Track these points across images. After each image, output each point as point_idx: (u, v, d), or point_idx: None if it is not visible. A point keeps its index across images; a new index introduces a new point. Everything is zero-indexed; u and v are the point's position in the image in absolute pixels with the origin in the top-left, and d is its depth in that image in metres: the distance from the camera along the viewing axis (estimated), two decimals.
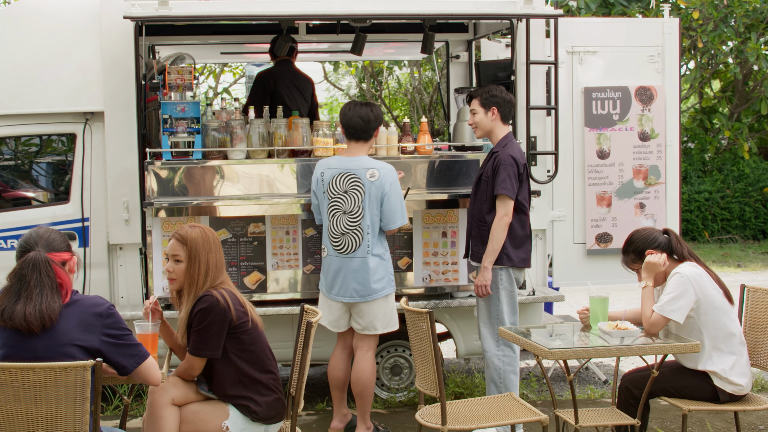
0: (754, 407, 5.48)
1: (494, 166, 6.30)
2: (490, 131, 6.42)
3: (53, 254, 4.15)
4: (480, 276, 6.28)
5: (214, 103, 8.65)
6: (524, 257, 6.40)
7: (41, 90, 6.96)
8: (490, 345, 6.33)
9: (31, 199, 7.27)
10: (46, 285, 4.03)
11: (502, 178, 6.24)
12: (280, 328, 6.90)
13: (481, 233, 6.35)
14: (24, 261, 4.07)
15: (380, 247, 6.26)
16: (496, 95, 6.39)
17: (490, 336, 6.32)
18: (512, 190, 6.22)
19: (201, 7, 6.85)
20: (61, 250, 4.21)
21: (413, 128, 7.97)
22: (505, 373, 6.32)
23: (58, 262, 4.13)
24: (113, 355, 4.10)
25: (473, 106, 6.44)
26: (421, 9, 7.11)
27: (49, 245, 4.19)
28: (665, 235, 5.63)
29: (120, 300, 7.00)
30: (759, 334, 5.73)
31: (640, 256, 5.57)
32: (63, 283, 4.09)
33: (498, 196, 6.25)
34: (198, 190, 6.73)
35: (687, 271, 5.42)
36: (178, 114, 6.62)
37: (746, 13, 15.42)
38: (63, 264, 4.18)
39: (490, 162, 6.35)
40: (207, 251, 4.74)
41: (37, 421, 3.90)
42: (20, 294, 4.02)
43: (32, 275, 4.04)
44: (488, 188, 6.32)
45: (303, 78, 8.82)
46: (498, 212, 6.25)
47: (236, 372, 4.72)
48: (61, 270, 4.12)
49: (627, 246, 5.68)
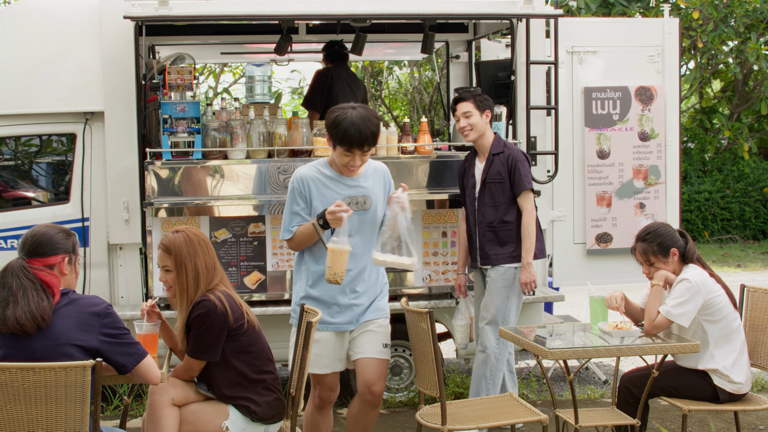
0: (754, 407, 5.48)
1: (509, 165, 6.32)
2: (483, 133, 6.40)
3: (36, 260, 4.16)
4: (526, 273, 6.28)
5: (214, 103, 8.67)
6: (541, 248, 6.53)
7: (41, 90, 6.96)
8: (492, 342, 6.31)
9: (31, 199, 7.27)
10: (28, 287, 4.05)
11: (524, 173, 6.33)
12: (280, 328, 6.88)
13: (499, 235, 6.36)
14: (4, 270, 4.14)
15: None
16: (487, 98, 6.46)
17: (493, 333, 6.30)
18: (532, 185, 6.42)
19: (201, 7, 6.86)
20: (46, 256, 4.19)
21: (413, 128, 7.98)
22: (498, 372, 6.33)
23: (39, 267, 4.14)
24: (112, 354, 4.11)
25: (467, 108, 6.36)
26: (421, 9, 7.12)
27: (34, 251, 4.18)
28: (682, 237, 5.62)
29: (120, 300, 7.00)
30: (759, 334, 5.73)
31: (664, 251, 5.54)
32: (49, 283, 4.10)
33: (524, 192, 6.31)
34: (198, 189, 6.73)
35: (695, 278, 5.41)
36: (178, 114, 6.62)
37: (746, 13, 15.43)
38: (51, 267, 4.18)
39: (500, 163, 6.34)
40: (193, 256, 4.70)
41: (37, 421, 3.90)
42: (8, 300, 4.05)
43: (12, 281, 4.08)
44: (504, 189, 6.35)
45: (357, 81, 8.97)
46: (527, 207, 6.32)
47: (235, 373, 4.72)
48: (44, 272, 4.12)
49: (652, 237, 5.56)
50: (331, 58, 8.80)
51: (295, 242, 5.18)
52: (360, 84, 9.01)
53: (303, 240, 5.14)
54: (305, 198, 5.14)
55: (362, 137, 4.95)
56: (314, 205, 5.13)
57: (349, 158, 5.04)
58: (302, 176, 5.16)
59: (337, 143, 5.02)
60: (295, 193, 5.16)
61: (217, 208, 6.74)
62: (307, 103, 8.77)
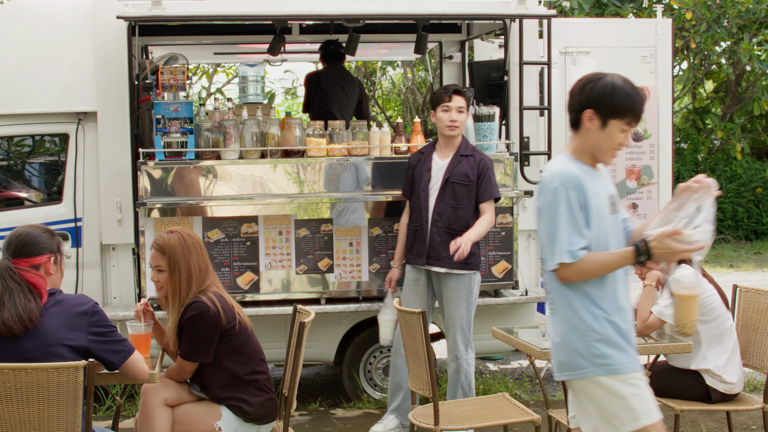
0: (746, 407, 5.49)
1: (480, 170, 6.27)
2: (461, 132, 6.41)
3: (22, 260, 4.16)
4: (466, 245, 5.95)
5: (207, 104, 8.68)
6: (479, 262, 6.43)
7: (34, 90, 6.95)
8: (462, 350, 6.28)
9: (23, 199, 7.25)
10: (15, 289, 4.05)
11: (494, 182, 6.31)
12: (272, 329, 6.89)
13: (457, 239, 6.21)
14: None
15: None
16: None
17: (462, 342, 6.28)
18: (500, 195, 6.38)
19: (194, 8, 6.85)
20: (32, 255, 4.19)
21: (406, 128, 7.99)
22: (471, 376, 6.33)
23: (26, 267, 4.13)
24: (100, 352, 4.12)
25: (463, 103, 6.30)
26: (415, 9, 7.12)
27: (20, 251, 4.18)
28: None
29: (113, 300, 6.99)
30: (751, 334, 5.75)
31: None
32: (36, 285, 4.10)
33: (490, 200, 6.27)
34: (191, 190, 6.72)
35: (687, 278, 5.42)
36: (171, 114, 6.61)
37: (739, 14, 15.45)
38: (37, 267, 4.18)
39: (469, 166, 6.28)
40: (187, 257, 4.71)
41: (30, 422, 3.90)
42: None
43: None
44: (470, 193, 6.27)
45: (351, 80, 9.00)
46: (491, 214, 6.27)
47: (227, 374, 4.72)
48: (31, 273, 4.12)
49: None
50: (326, 58, 8.82)
51: (580, 271, 3.71)
52: (354, 83, 9.01)
53: (597, 270, 3.74)
54: (583, 206, 3.72)
55: (642, 100, 3.77)
56: (590, 215, 3.74)
57: (624, 135, 3.77)
58: (574, 175, 3.74)
59: (615, 116, 3.70)
60: (571, 199, 3.70)
61: (210, 208, 6.74)
62: (304, 108, 8.84)
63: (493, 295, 7.11)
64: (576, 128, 3.82)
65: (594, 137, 3.74)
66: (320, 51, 8.82)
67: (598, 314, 3.74)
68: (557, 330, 3.83)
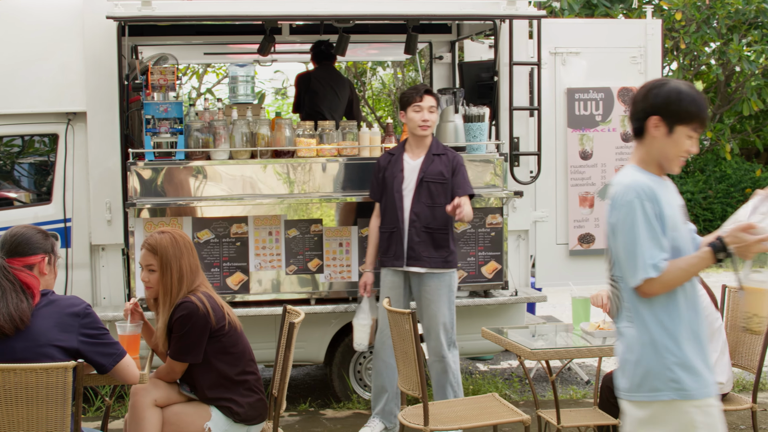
0: (735, 407, 5.51)
1: (453, 167, 6.27)
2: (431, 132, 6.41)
3: (16, 259, 4.15)
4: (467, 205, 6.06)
5: (197, 104, 8.67)
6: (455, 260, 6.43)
7: (23, 90, 6.93)
8: (446, 349, 6.29)
9: (12, 199, 7.23)
10: (8, 288, 4.04)
11: (467, 178, 6.32)
12: (262, 329, 6.88)
13: (435, 238, 6.25)
14: None
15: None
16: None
17: (446, 340, 6.29)
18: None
19: (184, 8, 6.84)
20: (26, 255, 4.18)
21: (396, 129, 7.98)
22: (458, 374, 6.34)
23: (20, 267, 4.12)
24: (91, 354, 4.10)
25: (434, 103, 6.32)
26: (405, 9, 7.12)
27: (14, 250, 4.17)
28: None
29: (102, 301, 6.97)
30: (740, 334, 5.76)
31: None
32: (29, 285, 4.09)
33: (467, 197, 6.20)
34: (181, 190, 6.71)
35: None
36: (160, 114, 6.60)
37: (728, 15, 15.48)
38: (31, 267, 4.17)
39: (442, 164, 6.28)
40: (179, 257, 4.70)
41: (18, 423, 3.89)
42: None
43: None
44: (446, 191, 6.26)
45: (342, 81, 9.01)
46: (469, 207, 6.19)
47: (217, 374, 4.72)
48: (25, 273, 4.11)
49: None
50: (317, 59, 8.82)
51: (664, 283, 3.55)
52: (345, 84, 9.01)
53: (681, 277, 3.60)
54: (658, 217, 3.55)
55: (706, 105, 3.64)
56: (666, 225, 3.58)
57: (691, 142, 3.61)
58: (647, 186, 3.56)
59: (682, 122, 3.55)
60: (648, 211, 3.53)
61: (199, 208, 6.73)
62: (294, 109, 8.84)
63: (483, 295, 7.11)
64: (640, 137, 3.67)
65: (660, 145, 3.59)
66: (311, 51, 8.81)
67: (676, 335, 3.57)
68: (631, 348, 3.60)
